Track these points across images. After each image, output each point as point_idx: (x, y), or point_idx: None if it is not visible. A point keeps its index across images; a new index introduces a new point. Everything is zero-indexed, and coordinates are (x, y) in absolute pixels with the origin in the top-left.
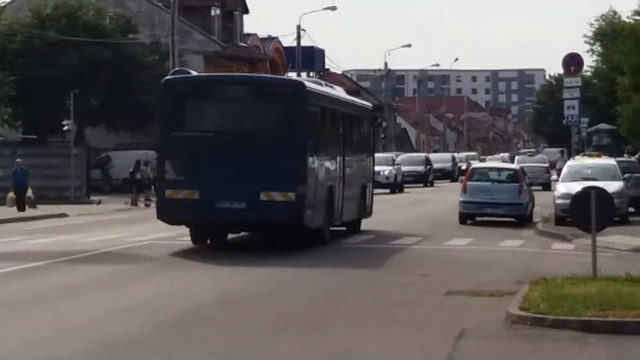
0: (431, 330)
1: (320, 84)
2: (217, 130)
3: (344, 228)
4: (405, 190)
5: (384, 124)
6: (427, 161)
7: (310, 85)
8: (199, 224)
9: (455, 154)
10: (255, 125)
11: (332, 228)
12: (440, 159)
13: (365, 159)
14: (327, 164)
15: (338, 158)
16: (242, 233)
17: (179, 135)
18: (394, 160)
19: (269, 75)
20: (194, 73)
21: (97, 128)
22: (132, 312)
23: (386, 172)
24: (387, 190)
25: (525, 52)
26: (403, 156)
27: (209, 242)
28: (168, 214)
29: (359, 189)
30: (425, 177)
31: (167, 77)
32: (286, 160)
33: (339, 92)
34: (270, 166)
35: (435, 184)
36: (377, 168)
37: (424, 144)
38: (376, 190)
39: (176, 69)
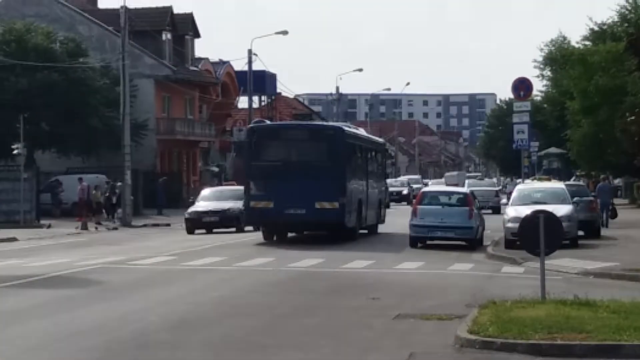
0: (380, 354)
1: (350, 127)
2: (284, 160)
3: (366, 231)
4: None
5: (392, 153)
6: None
7: (345, 129)
8: (273, 225)
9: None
10: (310, 157)
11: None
12: (397, 182)
13: (380, 181)
14: (358, 183)
15: (364, 179)
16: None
17: (259, 164)
18: None
19: (319, 123)
20: (268, 122)
21: (48, 152)
22: (80, 336)
23: None
24: None
25: (477, 76)
26: None
27: (274, 238)
28: (252, 219)
29: (377, 202)
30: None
31: (252, 125)
32: (332, 180)
33: (362, 132)
34: (321, 184)
35: (391, 206)
36: None
37: None
38: None
39: (257, 119)
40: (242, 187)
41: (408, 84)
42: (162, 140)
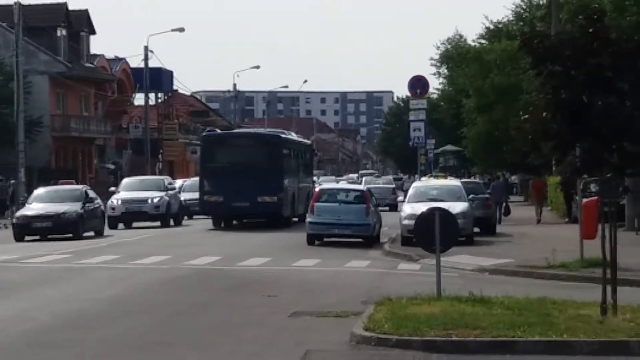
0: (276, 351)
1: (285, 133)
2: (232, 162)
3: (296, 219)
4: None
5: (319, 153)
6: None
7: (282, 136)
8: (222, 216)
9: None
10: (253, 160)
11: None
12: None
13: (309, 176)
14: (292, 180)
15: (296, 177)
16: None
17: (211, 166)
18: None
19: (261, 131)
20: (218, 131)
21: None
22: None
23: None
24: None
25: (374, 74)
26: None
27: (222, 225)
28: (206, 210)
29: (306, 195)
30: None
31: (205, 134)
32: (271, 178)
33: (294, 136)
34: (262, 182)
35: None
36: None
37: None
38: None
39: (209, 128)
40: (81, 187)
41: (305, 81)
42: (57, 138)
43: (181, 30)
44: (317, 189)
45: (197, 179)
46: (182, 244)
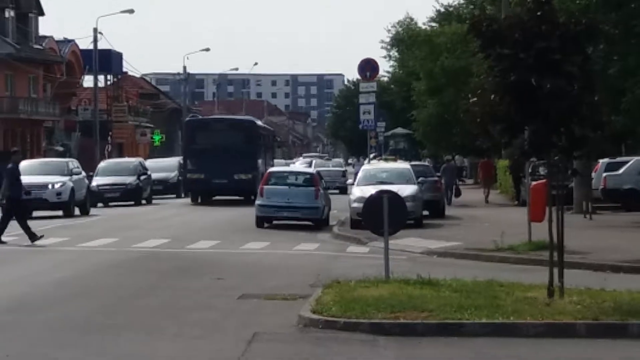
0: (223, 334)
1: (257, 120)
2: (212, 144)
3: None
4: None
5: (279, 138)
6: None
7: (257, 122)
8: (203, 191)
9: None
10: (231, 142)
11: None
12: (162, 167)
13: (272, 159)
14: (262, 161)
15: (264, 158)
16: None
17: (194, 147)
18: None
19: (239, 117)
20: (199, 117)
21: None
22: None
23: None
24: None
25: (325, 56)
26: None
27: (199, 200)
28: (188, 187)
29: None
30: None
31: (188, 119)
32: (247, 158)
33: (263, 123)
34: (240, 161)
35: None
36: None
37: None
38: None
39: (191, 114)
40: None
41: (256, 64)
42: (4, 120)
43: (131, 11)
44: (267, 172)
45: (111, 160)
46: (131, 226)
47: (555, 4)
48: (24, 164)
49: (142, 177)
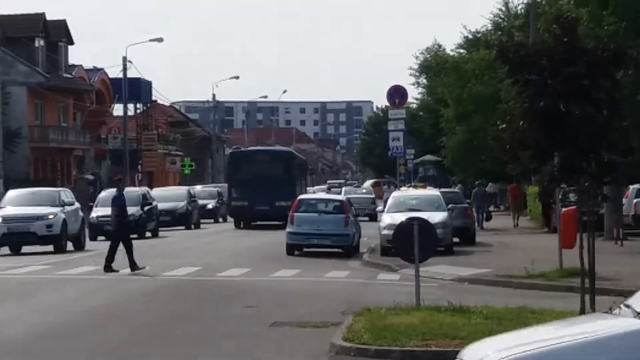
0: None
1: (295, 152)
2: (254, 174)
3: None
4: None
5: (310, 167)
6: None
7: (294, 152)
8: (246, 217)
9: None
10: (272, 171)
11: None
12: (170, 196)
13: (306, 186)
14: (298, 188)
15: (300, 185)
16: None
17: (238, 177)
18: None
19: (279, 148)
20: (242, 148)
21: None
22: None
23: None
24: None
25: (354, 84)
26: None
27: (242, 225)
28: (234, 213)
29: None
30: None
31: (231, 151)
32: (286, 186)
33: (298, 153)
34: (279, 189)
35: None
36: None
37: None
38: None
39: (235, 146)
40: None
41: (285, 91)
42: (35, 148)
43: (160, 40)
44: (297, 199)
45: (112, 190)
46: (162, 254)
47: (580, 30)
48: (10, 194)
49: (147, 208)
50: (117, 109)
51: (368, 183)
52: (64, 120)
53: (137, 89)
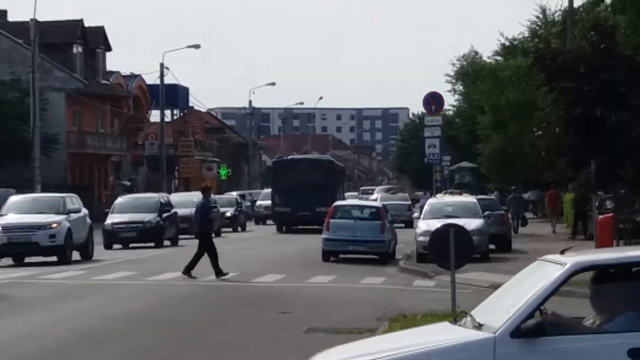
0: None
1: (334, 160)
2: (296, 181)
3: None
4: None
5: (348, 174)
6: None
7: (334, 161)
8: (289, 222)
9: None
10: (312, 179)
11: None
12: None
13: (344, 192)
14: (338, 194)
15: (339, 192)
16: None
17: (281, 184)
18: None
19: (319, 157)
20: (285, 157)
21: None
22: None
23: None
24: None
25: (390, 91)
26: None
27: (284, 229)
28: (277, 219)
29: None
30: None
31: (274, 160)
32: (326, 193)
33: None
34: (320, 195)
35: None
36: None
37: None
38: None
39: (278, 155)
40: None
41: (321, 98)
42: (73, 154)
43: (197, 46)
44: (332, 205)
45: (130, 196)
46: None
47: (620, 37)
48: (12, 200)
49: (165, 215)
50: (154, 115)
51: (379, 188)
52: (102, 126)
53: (174, 95)
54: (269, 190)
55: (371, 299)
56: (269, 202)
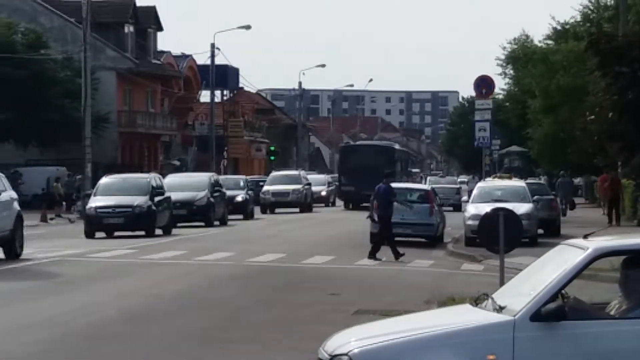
0: None
1: (395, 145)
2: (361, 164)
3: None
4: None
5: (414, 158)
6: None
7: (395, 146)
8: (353, 200)
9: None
10: (375, 162)
11: None
12: (187, 185)
13: (407, 174)
14: (398, 175)
15: (400, 174)
16: None
17: (346, 167)
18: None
19: (382, 143)
20: (351, 142)
21: (6, 144)
22: (31, 329)
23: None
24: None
25: (440, 73)
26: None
27: (351, 206)
28: (343, 196)
29: None
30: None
31: (342, 145)
32: (389, 174)
33: (397, 147)
34: (381, 176)
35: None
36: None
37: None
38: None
39: (345, 141)
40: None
41: (371, 80)
42: (123, 133)
43: (247, 27)
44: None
45: (117, 176)
46: (247, 240)
47: None
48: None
49: (158, 198)
50: (204, 96)
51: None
52: (152, 105)
53: (224, 76)
54: (277, 173)
55: (419, 282)
56: (279, 187)
